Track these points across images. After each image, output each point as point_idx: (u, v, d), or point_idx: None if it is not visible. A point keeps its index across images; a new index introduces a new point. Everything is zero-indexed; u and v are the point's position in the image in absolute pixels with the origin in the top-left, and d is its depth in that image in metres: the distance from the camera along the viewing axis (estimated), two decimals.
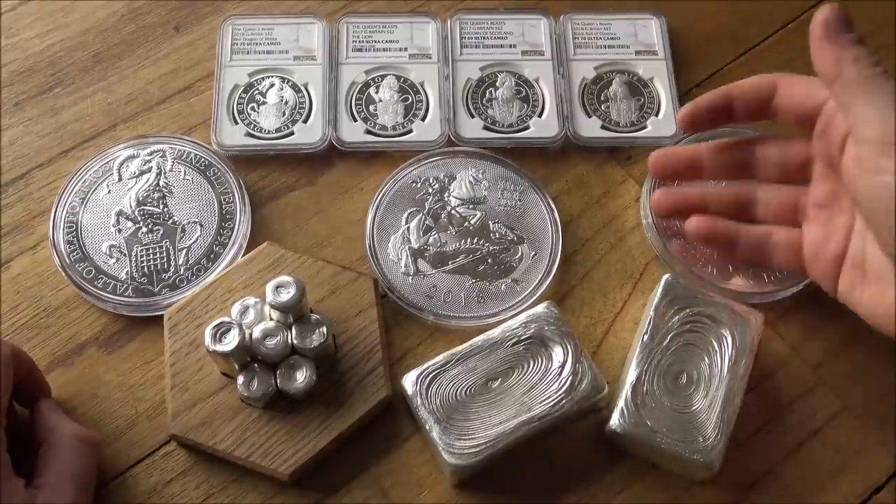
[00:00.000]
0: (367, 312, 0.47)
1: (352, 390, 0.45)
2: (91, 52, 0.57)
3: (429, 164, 0.53)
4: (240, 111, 0.54)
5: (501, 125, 0.54)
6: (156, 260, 0.49)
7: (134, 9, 0.59)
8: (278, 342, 0.43)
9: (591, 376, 0.44)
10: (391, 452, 0.45)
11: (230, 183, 0.52)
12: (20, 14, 0.58)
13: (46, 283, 0.49)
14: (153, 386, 0.47)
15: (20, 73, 0.56)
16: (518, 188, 0.52)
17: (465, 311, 0.49)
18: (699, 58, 0.58)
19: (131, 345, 0.48)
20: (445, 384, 0.44)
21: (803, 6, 0.60)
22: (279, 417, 0.44)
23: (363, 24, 0.58)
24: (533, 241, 0.51)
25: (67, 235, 0.50)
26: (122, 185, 0.51)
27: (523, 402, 0.43)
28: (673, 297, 0.46)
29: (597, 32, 0.58)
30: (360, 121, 0.54)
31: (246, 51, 0.57)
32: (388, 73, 0.56)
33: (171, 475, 0.45)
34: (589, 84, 0.56)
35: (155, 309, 0.48)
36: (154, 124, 0.55)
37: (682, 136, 0.53)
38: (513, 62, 0.57)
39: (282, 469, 0.43)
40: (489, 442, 0.42)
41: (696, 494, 0.45)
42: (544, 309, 0.46)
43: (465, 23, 0.58)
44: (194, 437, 0.44)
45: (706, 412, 0.43)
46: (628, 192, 0.53)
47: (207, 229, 0.50)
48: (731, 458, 0.43)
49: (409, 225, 0.51)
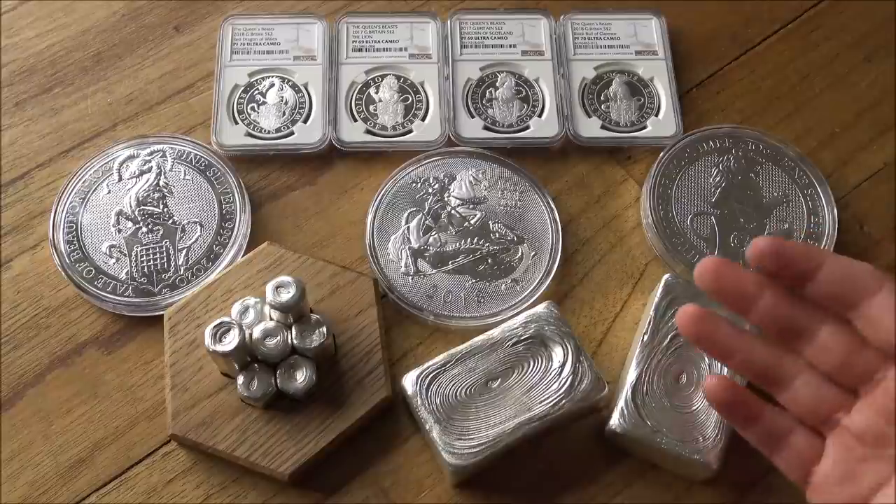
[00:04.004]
0: (367, 312, 0.47)
1: (352, 390, 0.45)
2: (91, 52, 0.57)
3: (429, 164, 0.53)
4: (240, 111, 0.54)
5: (501, 125, 0.54)
6: (156, 260, 0.49)
7: (134, 9, 0.59)
8: (278, 342, 0.43)
9: (591, 376, 0.44)
10: (391, 452, 0.45)
11: (230, 183, 0.52)
12: (20, 14, 0.58)
13: (46, 283, 0.49)
14: (153, 386, 0.47)
15: (20, 73, 0.56)
16: (518, 188, 0.52)
17: (465, 311, 0.49)
18: (699, 58, 0.58)
19: (131, 345, 0.48)
20: (445, 384, 0.44)
21: (803, 6, 0.60)
22: (279, 417, 0.44)
23: (363, 24, 0.58)
24: (533, 241, 0.51)
25: (67, 235, 0.50)
26: (122, 185, 0.51)
27: (523, 402, 0.43)
28: (673, 297, 0.46)
29: (597, 32, 0.58)
30: (360, 121, 0.54)
31: (246, 51, 0.57)
32: (388, 73, 0.56)
33: (171, 475, 0.45)
34: (589, 84, 0.56)
35: (155, 309, 0.48)
36: (154, 124, 0.55)
37: (681, 137, 0.53)
38: (513, 62, 0.57)
39: (282, 469, 0.43)
40: (489, 442, 0.42)
41: (696, 494, 0.45)
42: (544, 309, 0.46)
43: (465, 23, 0.58)
44: (194, 437, 0.44)
45: (706, 412, 0.43)
46: (628, 192, 0.53)
47: (207, 229, 0.50)
48: (731, 458, 0.43)
49: (409, 225, 0.51)
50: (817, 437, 0.37)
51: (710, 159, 0.53)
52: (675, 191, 0.52)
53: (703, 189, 0.52)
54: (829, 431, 0.37)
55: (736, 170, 0.53)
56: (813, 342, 0.37)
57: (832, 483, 0.36)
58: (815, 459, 0.37)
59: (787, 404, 0.38)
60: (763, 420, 0.38)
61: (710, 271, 0.37)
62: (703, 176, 0.53)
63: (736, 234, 0.51)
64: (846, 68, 0.57)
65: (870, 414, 0.35)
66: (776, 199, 0.52)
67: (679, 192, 0.52)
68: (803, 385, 0.37)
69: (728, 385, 0.38)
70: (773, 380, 0.38)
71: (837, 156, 0.54)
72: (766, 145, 0.53)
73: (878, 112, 0.56)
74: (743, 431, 0.39)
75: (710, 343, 0.38)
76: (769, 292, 0.37)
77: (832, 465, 0.36)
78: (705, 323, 0.38)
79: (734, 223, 0.51)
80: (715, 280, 0.37)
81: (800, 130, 0.55)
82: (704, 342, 0.38)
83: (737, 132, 0.54)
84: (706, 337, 0.38)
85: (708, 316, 0.38)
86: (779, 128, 0.55)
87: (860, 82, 0.57)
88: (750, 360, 0.38)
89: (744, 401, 0.38)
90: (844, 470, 0.36)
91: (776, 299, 0.37)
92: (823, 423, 0.37)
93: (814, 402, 0.37)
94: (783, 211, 0.52)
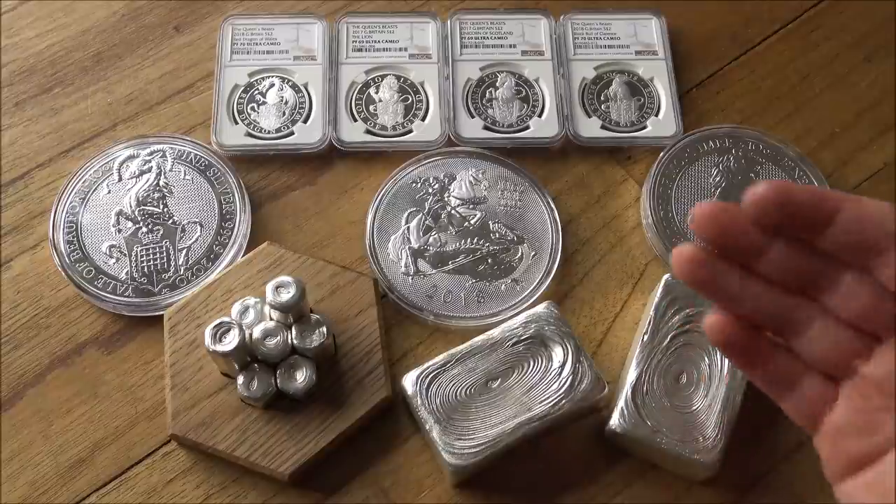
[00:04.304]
0: (367, 312, 0.47)
1: (352, 390, 0.45)
2: (91, 52, 0.57)
3: (429, 164, 0.53)
4: (240, 111, 0.54)
5: (501, 125, 0.54)
6: (156, 260, 0.49)
7: (134, 9, 0.59)
8: (278, 342, 0.43)
9: (591, 376, 0.44)
10: (391, 452, 0.45)
11: (230, 183, 0.51)
12: (20, 14, 0.58)
13: (46, 283, 0.49)
14: (153, 386, 0.47)
15: (20, 73, 0.56)
16: (518, 188, 0.52)
17: (465, 311, 0.49)
18: (699, 58, 0.58)
19: (131, 345, 0.48)
20: (445, 384, 0.44)
21: (803, 6, 0.60)
22: (279, 417, 0.44)
23: (363, 24, 0.58)
24: (533, 241, 0.51)
25: (67, 235, 0.50)
26: (122, 185, 0.51)
27: (523, 402, 0.43)
28: (673, 297, 0.46)
29: (597, 32, 0.58)
30: (360, 121, 0.54)
31: (246, 51, 0.56)
32: (388, 73, 0.56)
33: (171, 475, 0.45)
34: (589, 84, 0.56)
35: (155, 309, 0.48)
36: (154, 124, 0.55)
37: (681, 137, 0.53)
38: (513, 62, 0.57)
39: (282, 469, 0.43)
40: (489, 442, 0.42)
41: (696, 494, 0.45)
42: (544, 309, 0.46)
43: (465, 23, 0.58)
44: (194, 437, 0.44)
45: (706, 412, 0.43)
46: (628, 192, 0.53)
47: (207, 229, 0.50)
48: (731, 458, 0.43)
49: (409, 225, 0.51)
50: (831, 384, 0.33)
51: (710, 159, 0.53)
52: (675, 191, 0.52)
53: (703, 189, 0.52)
54: (846, 378, 0.33)
55: (736, 170, 0.53)
56: (833, 291, 0.32)
57: (847, 433, 0.33)
58: (826, 406, 0.33)
59: (801, 350, 0.33)
60: (772, 362, 0.34)
61: (707, 216, 0.32)
62: (703, 176, 0.53)
63: None
64: (846, 68, 0.57)
65: (892, 361, 0.31)
66: None
67: (679, 192, 0.52)
68: (819, 332, 0.33)
69: (730, 324, 0.33)
70: (787, 327, 0.33)
71: (837, 156, 0.54)
72: (766, 145, 0.53)
73: (878, 112, 0.56)
74: (748, 373, 0.35)
75: (711, 287, 0.33)
76: (780, 239, 0.32)
77: (847, 414, 0.33)
78: (704, 265, 0.33)
79: None
80: (714, 227, 0.32)
81: (800, 130, 0.55)
82: (705, 286, 0.33)
83: (737, 132, 0.54)
84: (706, 280, 0.33)
85: (707, 257, 0.33)
86: (779, 128, 0.55)
87: (860, 82, 0.57)
88: (759, 308, 0.33)
89: (749, 341, 0.34)
90: (861, 420, 0.32)
91: (789, 247, 0.32)
92: (839, 370, 0.33)
93: (830, 349, 0.33)
94: None
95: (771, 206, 0.31)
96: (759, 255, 0.32)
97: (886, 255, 0.31)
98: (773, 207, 0.31)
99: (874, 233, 0.31)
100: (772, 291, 0.33)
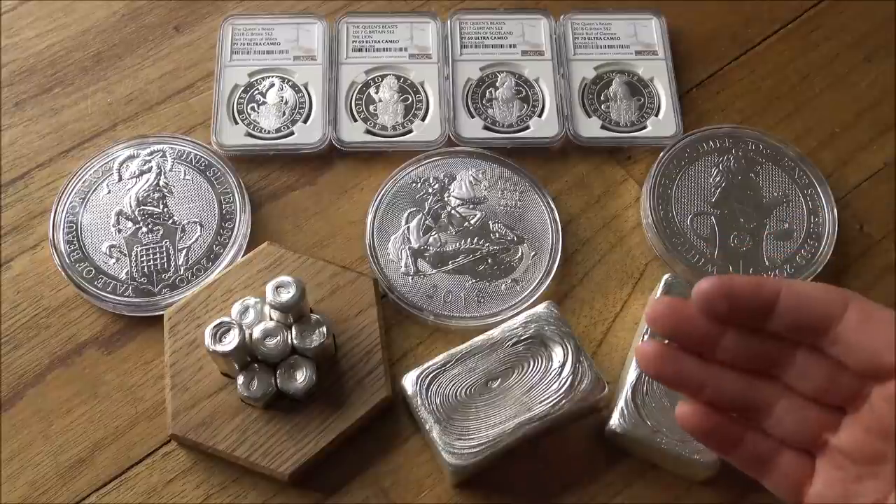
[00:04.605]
0: (367, 312, 0.47)
1: (352, 390, 0.45)
2: (91, 52, 0.57)
3: (429, 164, 0.53)
4: (240, 111, 0.54)
5: (501, 125, 0.54)
6: (156, 260, 0.49)
7: (134, 9, 0.59)
8: (278, 342, 0.43)
9: (591, 376, 0.44)
10: (391, 452, 0.45)
11: (230, 183, 0.51)
12: (20, 14, 0.58)
13: (46, 283, 0.49)
14: (153, 386, 0.47)
15: (20, 73, 0.56)
16: (518, 188, 0.52)
17: (465, 311, 0.49)
18: (699, 58, 0.58)
19: (131, 345, 0.48)
20: (445, 384, 0.44)
21: (803, 6, 0.60)
22: (279, 417, 0.44)
23: (363, 24, 0.58)
24: (533, 241, 0.51)
25: (67, 235, 0.50)
26: (122, 185, 0.51)
27: (523, 402, 0.43)
28: (673, 296, 0.46)
29: (597, 32, 0.58)
30: (360, 121, 0.54)
31: (246, 51, 0.56)
32: (388, 73, 0.56)
33: (171, 475, 0.45)
34: (589, 84, 0.56)
35: (155, 309, 0.48)
36: (154, 124, 0.55)
37: (681, 137, 0.53)
38: (513, 62, 0.57)
39: (282, 469, 0.43)
40: (489, 442, 0.42)
41: (696, 494, 0.45)
42: (544, 309, 0.46)
43: (465, 23, 0.58)
44: (194, 437, 0.44)
45: None
46: (628, 192, 0.53)
47: (207, 229, 0.50)
48: None
49: (409, 225, 0.51)
50: (807, 458, 0.35)
51: (710, 159, 0.53)
52: (675, 191, 0.52)
53: (703, 189, 0.52)
54: (819, 452, 0.34)
55: (736, 170, 0.53)
56: (789, 370, 0.34)
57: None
58: (806, 479, 0.34)
59: (772, 430, 0.35)
60: (746, 444, 0.35)
61: (662, 315, 0.34)
62: (703, 176, 0.53)
63: (736, 234, 0.51)
64: (846, 68, 0.57)
65: (859, 432, 0.33)
66: (776, 199, 0.52)
67: (679, 192, 0.52)
68: (785, 410, 0.34)
69: (702, 412, 0.35)
70: (752, 409, 0.35)
71: (837, 156, 0.54)
72: (766, 145, 0.53)
73: (878, 112, 0.56)
74: (725, 456, 0.36)
75: (675, 380, 0.35)
76: (732, 327, 0.34)
77: (826, 485, 0.34)
78: (666, 361, 0.34)
79: (734, 223, 0.51)
80: (668, 323, 0.34)
81: (800, 130, 0.55)
82: (669, 380, 0.35)
83: (737, 132, 0.54)
84: (670, 375, 0.35)
85: (669, 352, 0.34)
86: (779, 128, 0.55)
87: (860, 82, 0.57)
88: (722, 393, 0.34)
89: (722, 426, 0.35)
90: (839, 490, 0.34)
91: (741, 334, 0.34)
92: (811, 444, 0.34)
93: (798, 426, 0.34)
94: (783, 211, 0.52)
95: (715, 300, 0.33)
96: (714, 344, 0.34)
97: (832, 334, 0.32)
98: (718, 301, 0.33)
99: (814, 314, 0.32)
100: (733, 376, 0.35)
